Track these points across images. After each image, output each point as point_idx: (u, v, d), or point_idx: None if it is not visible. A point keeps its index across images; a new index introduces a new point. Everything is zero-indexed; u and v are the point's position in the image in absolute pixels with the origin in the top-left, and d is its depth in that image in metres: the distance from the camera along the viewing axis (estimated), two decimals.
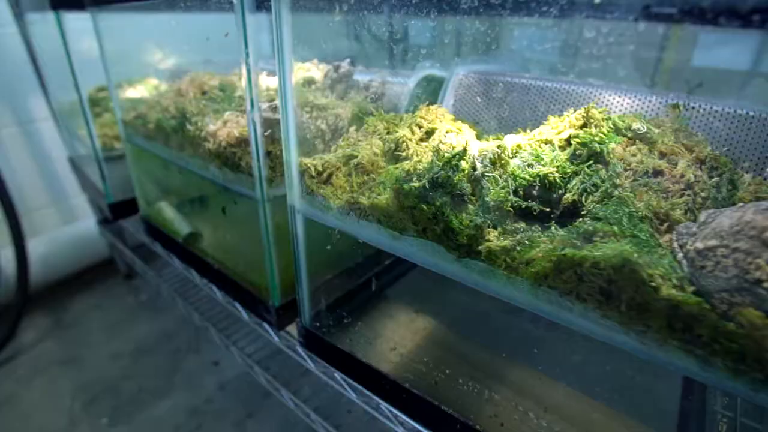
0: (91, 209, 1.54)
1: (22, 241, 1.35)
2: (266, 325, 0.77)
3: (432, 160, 0.41)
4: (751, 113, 0.54)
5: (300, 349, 0.72)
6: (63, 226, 1.56)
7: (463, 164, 0.41)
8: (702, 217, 0.32)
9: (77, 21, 0.97)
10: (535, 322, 0.47)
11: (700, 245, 0.30)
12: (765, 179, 0.45)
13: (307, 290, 0.59)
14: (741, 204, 0.32)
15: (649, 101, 0.60)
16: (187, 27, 0.83)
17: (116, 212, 1.04)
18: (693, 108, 0.57)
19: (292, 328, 0.73)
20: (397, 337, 0.60)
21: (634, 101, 0.61)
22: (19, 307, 1.37)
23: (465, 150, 0.40)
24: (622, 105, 0.62)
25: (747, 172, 0.48)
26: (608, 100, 0.63)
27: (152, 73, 1.14)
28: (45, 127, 1.45)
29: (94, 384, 1.24)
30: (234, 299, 0.73)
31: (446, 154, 0.40)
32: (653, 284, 0.30)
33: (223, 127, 0.64)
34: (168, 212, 0.89)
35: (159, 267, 1.23)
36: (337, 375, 0.68)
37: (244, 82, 0.55)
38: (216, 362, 1.30)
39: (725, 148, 0.55)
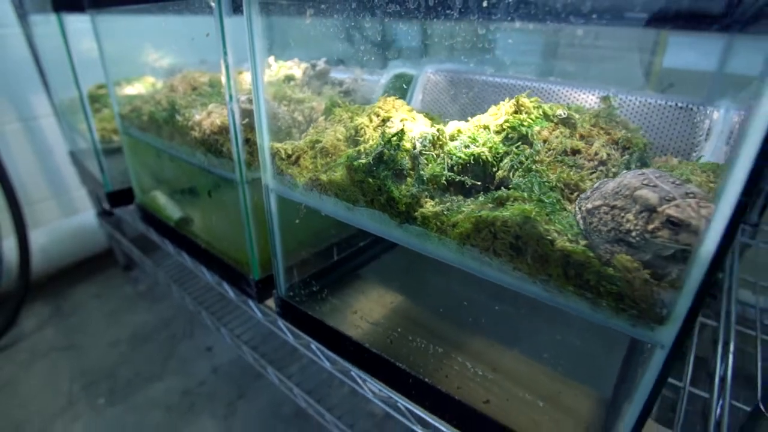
0: (91, 202, 1.60)
1: (25, 232, 1.41)
2: (251, 303, 0.83)
3: (378, 141, 0.47)
4: (680, 105, 0.60)
5: (280, 323, 0.78)
6: (64, 218, 1.62)
7: (407, 145, 0.47)
8: (596, 183, 0.38)
9: (78, 23, 1.03)
10: (495, 298, 0.52)
11: (589, 205, 0.36)
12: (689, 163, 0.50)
13: (282, 263, 0.65)
14: (625, 172, 0.37)
15: (595, 95, 0.66)
16: (183, 28, 0.89)
17: (114, 201, 1.10)
18: (630, 100, 0.63)
19: (273, 305, 0.79)
20: (365, 309, 0.65)
21: (581, 95, 0.67)
22: (21, 296, 1.43)
23: (402, 131, 0.46)
24: (572, 98, 0.68)
25: (675, 157, 0.54)
26: (563, 95, 0.69)
27: (149, 72, 1.20)
28: (46, 124, 1.51)
29: (92, 369, 1.29)
30: (221, 278, 0.79)
31: (387, 135, 0.46)
32: (549, 238, 0.35)
33: (208, 117, 0.70)
34: (161, 199, 0.94)
35: (156, 258, 1.29)
36: (313, 345, 0.73)
37: (223, 77, 0.61)
38: (209, 348, 1.36)
39: (658, 136, 0.61)
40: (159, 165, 0.87)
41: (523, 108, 0.49)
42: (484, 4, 0.40)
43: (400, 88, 0.79)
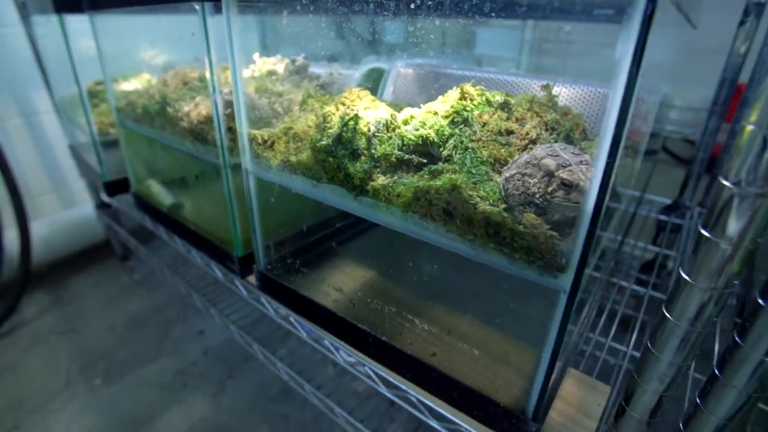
0: (89, 195, 1.66)
1: (26, 223, 1.47)
2: (237, 282, 0.89)
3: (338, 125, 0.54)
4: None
5: (263, 299, 0.84)
6: (63, 210, 1.68)
7: (363, 128, 0.53)
8: (516, 156, 0.44)
9: (77, 23, 1.09)
10: (448, 270, 0.58)
11: (507, 174, 0.43)
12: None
13: (261, 240, 0.71)
14: (538, 146, 0.44)
15: (559, 86, 0.72)
16: (176, 28, 0.95)
17: (111, 190, 1.16)
18: (586, 90, 0.70)
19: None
20: (338, 282, 0.71)
21: (534, 85, 0.73)
22: (22, 284, 1.49)
23: (356, 115, 0.52)
24: (533, 89, 0.75)
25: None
26: (523, 86, 0.75)
27: (146, 69, 1.26)
28: (47, 120, 1.57)
29: (89, 351, 1.36)
30: (208, 257, 0.85)
31: (345, 119, 0.52)
32: (473, 202, 0.42)
33: (195, 108, 0.76)
34: (154, 187, 1.01)
35: (151, 248, 1.36)
36: (292, 318, 0.80)
37: (207, 72, 0.68)
38: (201, 331, 1.42)
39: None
40: (152, 154, 0.93)
41: (467, 95, 0.56)
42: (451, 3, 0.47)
43: (373, 81, 0.85)
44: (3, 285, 1.49)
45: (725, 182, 0.31)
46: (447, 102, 0.57)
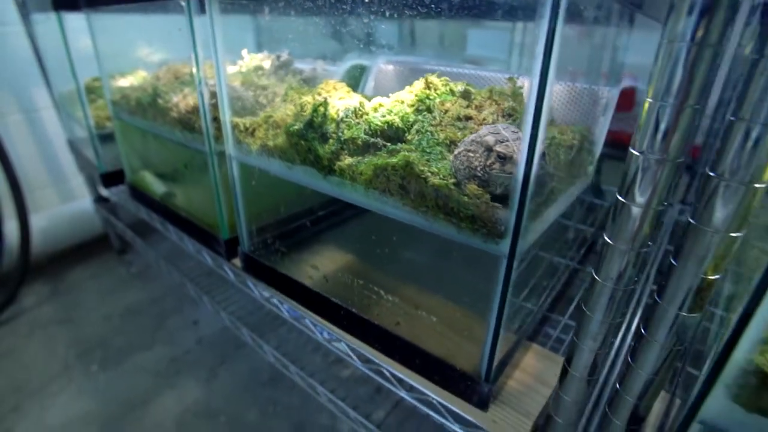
0: (87, 189, 1.71)
1: (26, 216, 1.53)
2: (225, 267, 0.93)
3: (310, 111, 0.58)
4: (586, 87, 0.71)
5: (249, 283, 0.89)
6: (62, 204, 1.73)
7: (333, 114, 0.58)
8: (465, 137, 0.49)
9: (77, 21, 1.14)
10: (420, 248, 0.63)
11: (456, 152, 0.47)
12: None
13: (244, 223, 0.76)
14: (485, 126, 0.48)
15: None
16: (171, 26, 1.00)
17: (107, 181, 1.21)
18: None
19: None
20: (314, 260, 0.76)
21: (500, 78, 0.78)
22: (21, 274, 1.54)
23: (325, 101, 0.57)
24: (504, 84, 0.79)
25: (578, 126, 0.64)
26: (494, 80, 0.80)
27: (142, 66, 1.32)
28: (47, 116, 1.63)
29: (86, 339, 1.40)
30: (198, 241, 0.90)
31: (315, 105, 0.57)
32: (424, 177, 0.46)
33: (183, 99, 0.81)
34: (148, 177, 1.06)
35: (147, 242, 1.41)
36: (275, 299, 0.84)
37: (193, 65, 0.73)
38: (195, 321, 1.47)
39: (571, 112, 0.72)
40: (144, 144, 0.98)
41: (432, 85, 0.60)
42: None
43: (355, 76, 0.90)
44: (3, 275, 1.54)
45: (633, 151, 0.36)
46: (413, 92, 0.62)
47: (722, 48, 0.31)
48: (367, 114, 0.59)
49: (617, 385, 0.49)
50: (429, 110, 0.58)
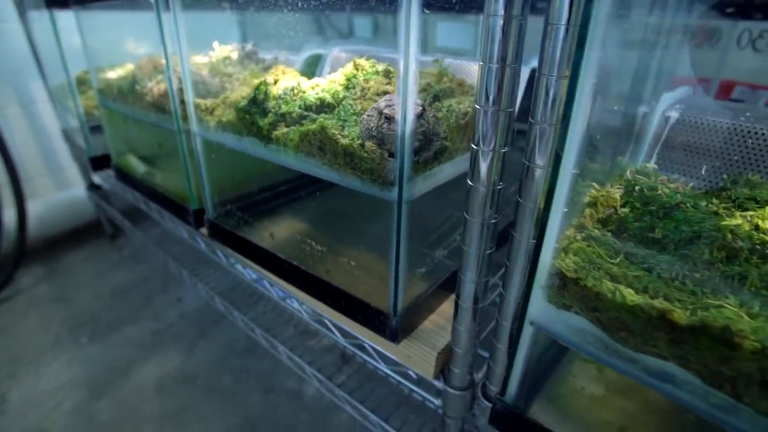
0: (81, 178, 1.83)
1: (23, 202, 1.65)
2: (198, 238, 1.04)
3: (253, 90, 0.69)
4: None
5: (218, 252, 1.00)
6: (57, 191, 1.85)
7: (274, 92, 0.69)
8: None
9: (71, 18, 1.26)
10: (349, 208, 0.74)
11: (361, 118, 0.58)
12: None
13: (209, 193, 0.87)
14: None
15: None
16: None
17: (95, 164, 1.33)
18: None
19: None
20: (268, 225, 0.86)
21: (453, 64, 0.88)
22: (18, 256, 1.66)
23: (265, 81, 0.68)
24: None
25: None
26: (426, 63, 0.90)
27: (130, 60, 1.43)
28: (43, 108, 1.75)
29: (78, 316, 1.52)
30: (171, 213, 1.01)
31: (257, 84, 0.68)
32: (335, 139, 0.57)
33: (156, 85, 0.93)
34: (131, 159, 1.17)
35: (141, 228, 1.52)
36: (239, 266, 0.95)
37: (162, 56, 0.84)
38: (179, 299, 1.58)
39: None
40: (126, 128, 1.10)
41: (360, 67, 0.71)
42: None
43: (313, 64, 1.01)
44: (2, 258, 1.66)
45: (477, 106, 0.46)
46: (344, 73, 0.72)
47: (525, 19, 0.41)
48: (304, 92, 0.70)
49: (497, 314, 0.60)
50: (355, 87, 0.69)
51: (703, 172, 0.62)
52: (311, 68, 1.02)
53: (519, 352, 0.51)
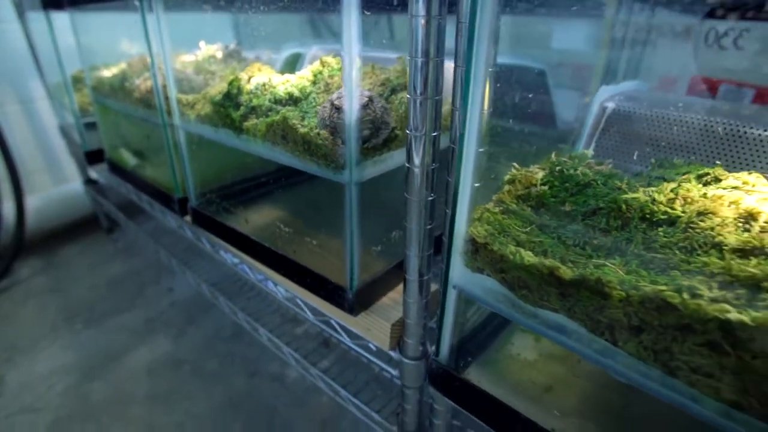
0: (78, 171, 1.91)
1: (22, 196, 1.73)
2: (185, 227, 1.12)
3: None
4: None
5: (203, 238, 1.07)
6: (55, 186, 1.94)
7: (247, 87, 0.76)
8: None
9: (68, 19, 1.34)
10: (315, 194, 0.80)
11: (317, 111, 0.65)
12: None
13: (191, 182, 0.94)
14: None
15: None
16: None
17: (90, 158, 1.41)
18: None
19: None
20: (244, 211, 0.93)
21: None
22: (17, 249, 1.74)
23: (237, 78, 0.75)
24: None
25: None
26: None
27: (124, 59, 1.51)
28: (41, 106, 1.83)
29: (74, 304, 1.60)
30: (160, 204, 1.09)
31: (230, 79, 0.75)
32: (295, 128, 0.64)
33: (144, 81, 1.00)
34: (123, 153, 1.25)
35: (135, 221, 1.60)
36: (221, 251, 1.02)
37: (147, 55, 0.91)
38: (171, 288, 1.66)
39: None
40: (117, 122, 1.18)
41: (326, 64, 0.78)
42: None
43: (293, 62, 1.08)
44: (1, 250, 1.74)
45: (408, 96, 0.53)
46: (312, 69, 0.79)
47: (444, 19, 0.48)
48: (274, 87, 0.77)
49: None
50: (320, 83, 0.76)
51: (634, 158, 0.69)
52: (291, 66, 1.09)
53: (446, 315, 0.58)
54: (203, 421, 1.17)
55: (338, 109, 0.59)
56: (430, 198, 0.58)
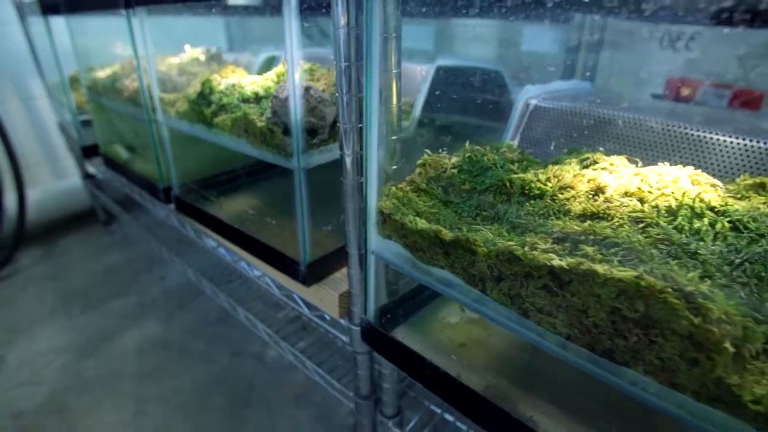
0: (77, 166, 2.06)
1: (23, 189, 1.88)
2: (172, 216, 1.25)
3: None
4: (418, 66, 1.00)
5: (188, 226, 1.20)
6: (55, 180, 2.09)
7: (219, 87, 0.89)
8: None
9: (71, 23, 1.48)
10: (280, 186, 0.93)
11: (266, 105, 0.77)
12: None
13: (174, 173, 1.08)
14: None
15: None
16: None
17: (86, 153, 1.56)
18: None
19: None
20: (218, 198, 1.07)
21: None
22: (18, 239, 1.89)
23: (208, 79, 0.88)
24: None
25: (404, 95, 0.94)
26: None
27: (119, 61, 1.65)
28: (41, 103, 1.99)
29: (72, 291, 1.75)
30: (148, 193, 1.22)
31: (203, 81, 0.88)
32: (253, 122, 0.77)
33: (132, 82, 1.14)
34: (116, 147, 1.39)
35: (132, 214, 1.74)
36: (203, 237, 1.16)
37: (133, 58, 1.05)
38: (163, 277, 1.80)
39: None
40: (110, 119, 1.31)
41: None
42: None
43: (269, 64, 1.21)
44: (3, 239, 1.89)
45: (337, 94, 0.65)
46: (276, 71, 0.92)
47: (361, 30, 0.60)
48: (242, 87, 0.90)
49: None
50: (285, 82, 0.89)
51: (552, 148, 0.81)
52: (267, 69, 1.22)
53: (369, 277, 0.70)
54: (187, 395, 1.30)
55: (277, 98, 0.72)
56: (361, 180, 0.71)
